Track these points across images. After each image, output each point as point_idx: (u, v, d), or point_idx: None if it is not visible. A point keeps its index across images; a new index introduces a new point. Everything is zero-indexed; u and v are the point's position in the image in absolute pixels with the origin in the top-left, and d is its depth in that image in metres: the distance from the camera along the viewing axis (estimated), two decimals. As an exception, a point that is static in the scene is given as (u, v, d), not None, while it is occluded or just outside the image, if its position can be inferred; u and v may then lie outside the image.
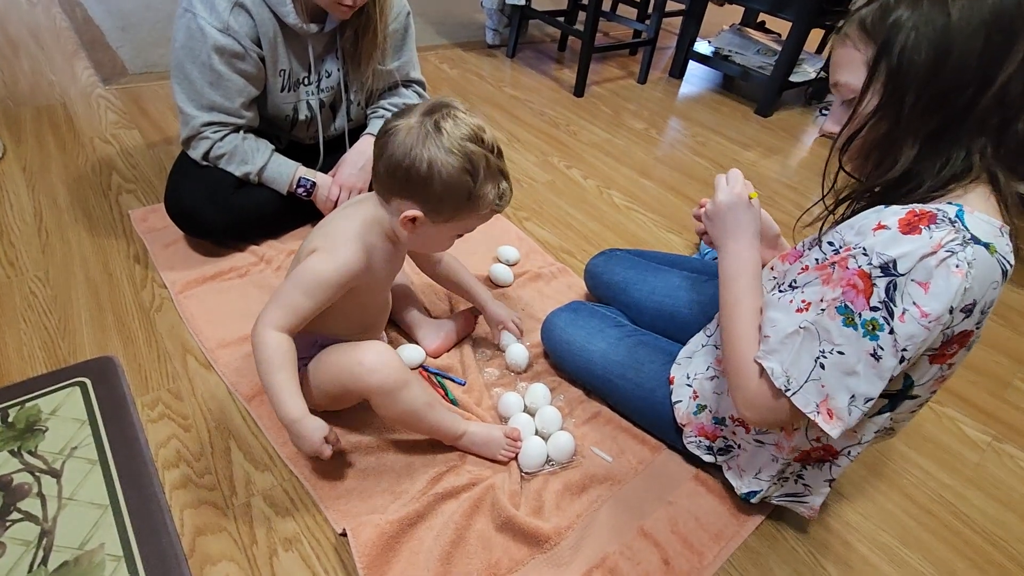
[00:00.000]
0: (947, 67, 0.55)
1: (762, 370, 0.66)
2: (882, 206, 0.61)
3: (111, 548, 0.72)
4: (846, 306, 0.58)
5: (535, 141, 1.88)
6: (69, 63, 1.91)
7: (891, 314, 0.55)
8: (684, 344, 0.93)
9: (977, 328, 0.60)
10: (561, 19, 2.50)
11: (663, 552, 0.80)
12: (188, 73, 1.04)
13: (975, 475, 1.00)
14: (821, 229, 0.71)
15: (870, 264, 0.56)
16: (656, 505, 0.86)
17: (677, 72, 2.55)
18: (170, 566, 0.71)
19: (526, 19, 2.55)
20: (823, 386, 0.61)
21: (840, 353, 0.59)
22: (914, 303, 0.55)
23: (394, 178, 0.74)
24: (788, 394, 0.63)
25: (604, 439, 0.94)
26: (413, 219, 0.75)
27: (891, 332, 0.56)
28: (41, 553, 0.71)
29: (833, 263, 0.61)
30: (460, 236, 0.83)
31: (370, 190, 1.05)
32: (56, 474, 0.79)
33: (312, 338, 0.85)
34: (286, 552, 0.76)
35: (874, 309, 0.56)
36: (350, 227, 0.79)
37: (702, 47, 2.47)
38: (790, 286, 0.68)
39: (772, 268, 0.80)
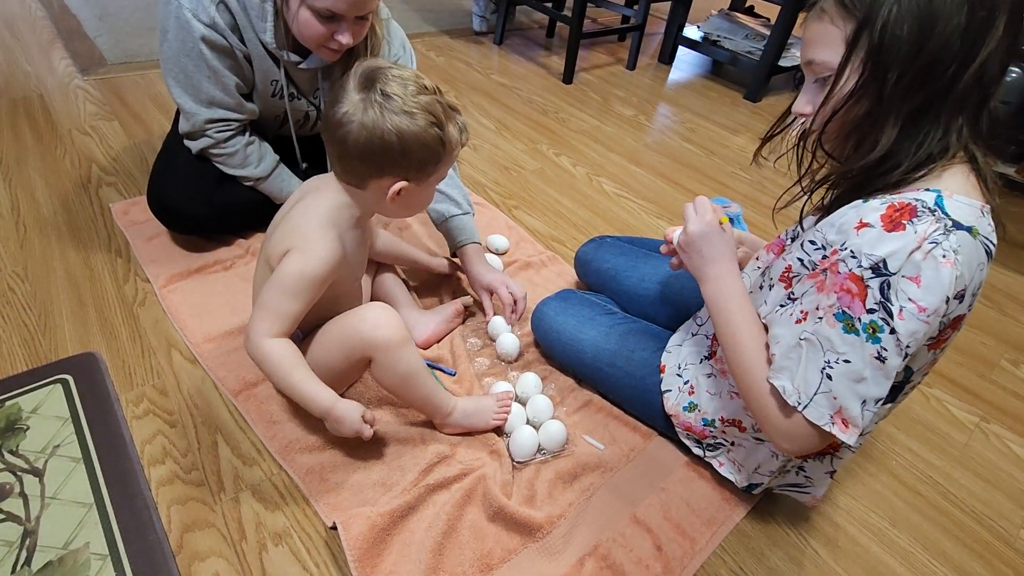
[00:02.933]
0: (931, 43, 0.53)
1: (777, 391, 0.63)
2: (860, 201, 0.60)
3: (96, 547, 0.71)
4: (844, 312, 0.57)
5: (523, 128, 1.86)
6: (45, 54, 1.86)
7: (889, 314, 0.55)
8: (675, 332, 0.93)
9: (968, 310, 0.60)
10: (549, 5, 2.47)
11: (655, 538, 0.80)
12: (184, 67, 0.99)
13: (963, 455, 1.01)
14: (801, 213, 0.70)
15: (860, 267, 0.55)
16: (648, 492, 0.86)
17: (666, 58, 2.54)
18: (157, 563, 0.70)
19: (513, 5, 2.52)
20: (835, 397, 0.59)
21: (846, 361, 0.58)
22: (909, 299, 0.54)
23: (370, 162, 0.72)
24: (800, 409, 0.61)
25: (596, 427, 0.94)
26: (399, 191, 0.74)
27: (892, 332, 0.55)
28: (24, 553, 0.70)
29: (824, 269, 0.60)
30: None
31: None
32: (38, 473, 0.78)
33: (297, 333, 0.84)
34: (276, 547, 0.75)
35: (871, 311, 0.55)
36: (318, 220, 0.76)
37: (691, 32, 2.45)
38: (789, 298, 0.66)
39: (757, 258, 0.80)
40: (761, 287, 0.74)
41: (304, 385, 0.74)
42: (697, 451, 0.88)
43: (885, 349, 0.56)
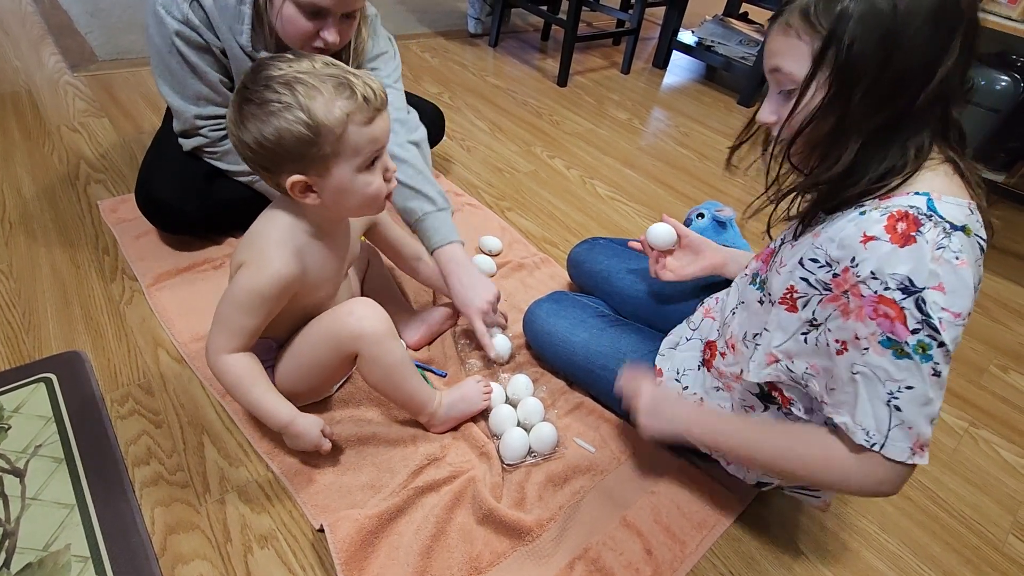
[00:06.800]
0: (895, 60, 0.53)
1: (847, 436, 0.61)
2: (856, 213, 0.59)
3: (78, 549, 0.70)
4: (889, 338, 0.55)
5: (518, 131, 1.86)
6: (35, 49, 1.84)
7: (934, 328, 0.54)
8: (667, 333, 0.93)
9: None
10: (544, 8, 2.48)
11: (646, 542, 0.79)
12: (168, 64, 0.99)
13: (952, 460, 1.02)
14: (769, 222, 0.70)
15: (887, 288, 0.54)
16: (639, 495, 0.85)
17: (660, 62, 2.55)
18: (140, 566, 0.69)
19: (508, 7, 2.52)
20: (910, 428, 0.57)
21: (909, 388, 0.56)
22: (942, 308, 0.54)
23: (252, 165, 0.69)
24: (876, 448, 0.58)
25: (587, 430, 0.94)
26: (306, 185, 0.68)
27: (941, 345, 0.54)
28: (3, 555, 0.68)
29: (845, 291, 0.58)
30: (370, 169, 0.70)
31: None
32: (19, 473, 0.76)
33: (269, 342, 0.83)
34: (261, 549, 0.74)
35: (915, 331, 0.54)
36: (275, 233, 0.73)
37: (685, 37, 2.46)
38: (811, 324, 0.64)
39: (747, 268, 0.80)
40: (761, 301, 0.73)
41: (262, 400, 0.74)
42: (704, 449, 0.86)
43: (938, 363, 0.55)
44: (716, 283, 0.94)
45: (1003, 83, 1.58)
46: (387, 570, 0.71)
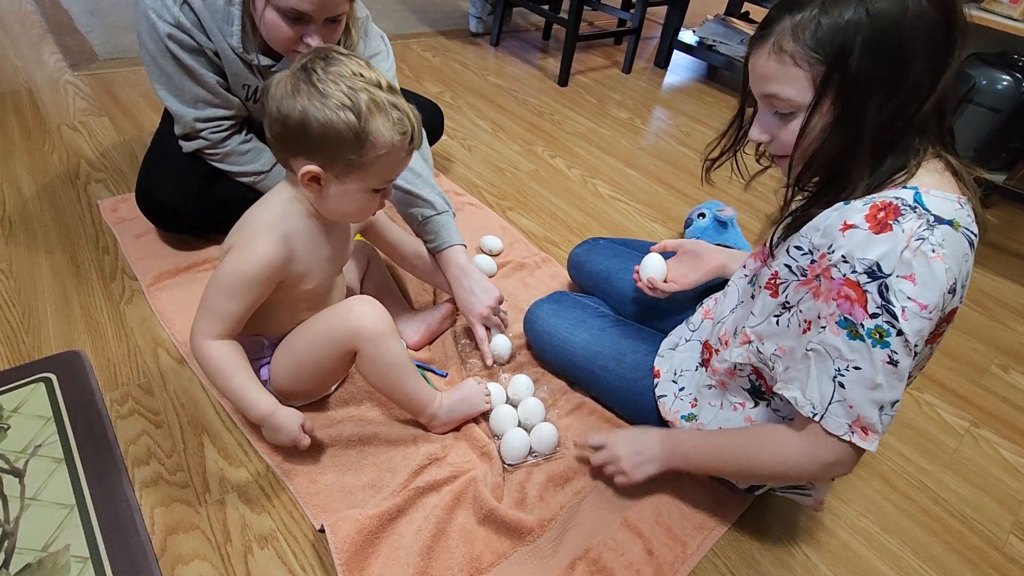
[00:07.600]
0: (903, 81, 0.54)
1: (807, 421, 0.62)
2: (841, 203, 0.60)
3: (77, 549, 0.70)
4: (846, 319, 0.57)
5: (519, 130, 1.86)
6: (35, 48, 1.84)
7: (894, 316, 0.54)
8: (667, 334, 0.93)
9: (960, 302, 0.60)
10: (545, 7, 2.47)
11: (647, 543, 0.79)
12: (163, 68, 0.97)
13: (953, 460, 1.02)
14: (772, 240, 0.70)
15: (854, 272, 0.55)
16: (640, 496, 0.85)
17: (662, 62, 2.54)
18: (139, 566, 0.69)
19: (510, 7, 2.52)
20: (851, 406, 0.58)
21: (856, 368, 0.57)
22: (909, 298, 0.54)
23: (277, 137, 0.70)
24: (816, 419, 0.60)
25: (587, 430, 0.93)
26: (315, 177, 0.70)
27: (899, 333, 0.55)
28: (2, 556, 0.68)
29: (817, 275, 0.60)
30: (379, 192, 0.75)
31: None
32: (19, 473, 0.76)
33: (260, 340, 0.83)
34: (261, 550, 0.74)
35: (874, 316, 0.55)
36: (264, 217, 0.74)
37: (687, 37, 2.46)
38: (783, 306, 0.66)
39: (745, 266, 0.81)
40: (753, 296, 0.73)
41: (243, 390, 0.73)
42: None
43: (895, 352, 0.55)
44: (716, 284, 0.94)
45: (1004, 83, 1.58)
46: (387, 570, 0.71)
